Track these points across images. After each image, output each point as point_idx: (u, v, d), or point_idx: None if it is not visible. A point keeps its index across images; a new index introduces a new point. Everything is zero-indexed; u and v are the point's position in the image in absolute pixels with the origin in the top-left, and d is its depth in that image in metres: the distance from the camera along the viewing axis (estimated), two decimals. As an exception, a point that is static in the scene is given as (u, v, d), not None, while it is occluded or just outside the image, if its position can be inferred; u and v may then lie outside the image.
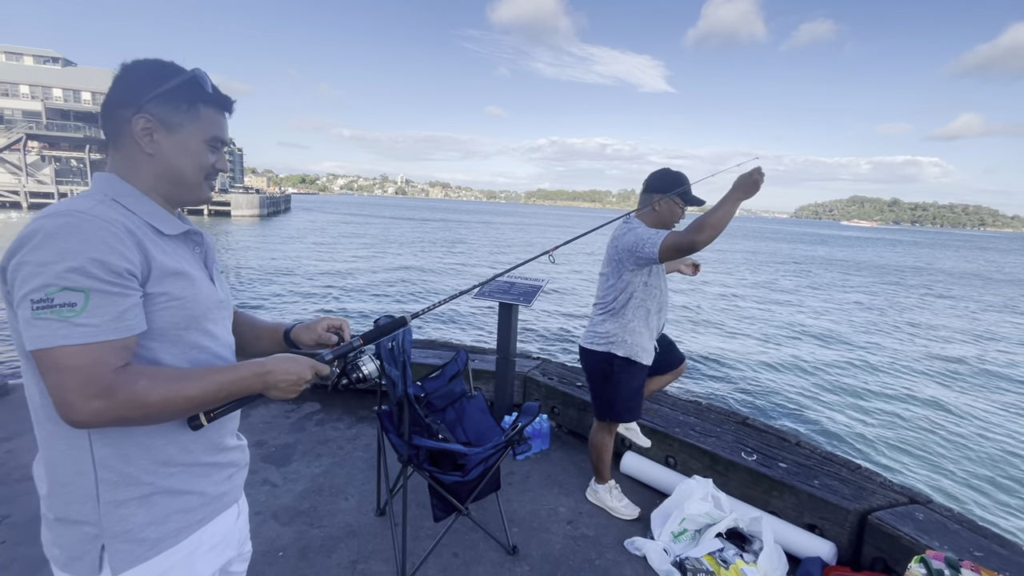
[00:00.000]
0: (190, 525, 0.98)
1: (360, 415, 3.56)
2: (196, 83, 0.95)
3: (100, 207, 0.85)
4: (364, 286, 17.10)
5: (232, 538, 1.10)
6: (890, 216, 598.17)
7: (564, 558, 2.29)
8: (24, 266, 0.78)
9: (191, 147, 0.97)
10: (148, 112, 0.92)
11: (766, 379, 9.49)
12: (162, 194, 0.98)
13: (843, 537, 2.27)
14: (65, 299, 0.77)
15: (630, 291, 2.36)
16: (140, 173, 0.95)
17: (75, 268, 0.78)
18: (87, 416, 0.79)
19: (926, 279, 29.44)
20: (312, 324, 1.24)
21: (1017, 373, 10.79)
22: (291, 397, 1.01)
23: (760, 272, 27.71)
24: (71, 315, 0.78)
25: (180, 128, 0.95)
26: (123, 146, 0.94)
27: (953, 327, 15.46)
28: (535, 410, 2.22)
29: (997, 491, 5.93)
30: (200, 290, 0.96)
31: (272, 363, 0.98)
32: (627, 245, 2.28)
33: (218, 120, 1.00)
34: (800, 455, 2.69)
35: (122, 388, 0.80)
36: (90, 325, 0.79)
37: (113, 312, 0.81)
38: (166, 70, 0.94)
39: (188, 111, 0.95)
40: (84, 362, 0.78)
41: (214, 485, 1.03)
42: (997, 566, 1.89)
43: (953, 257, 54.04)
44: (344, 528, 2.40)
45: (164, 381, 0.85)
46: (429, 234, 42.69)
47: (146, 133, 0.92)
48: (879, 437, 7.26)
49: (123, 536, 0.90)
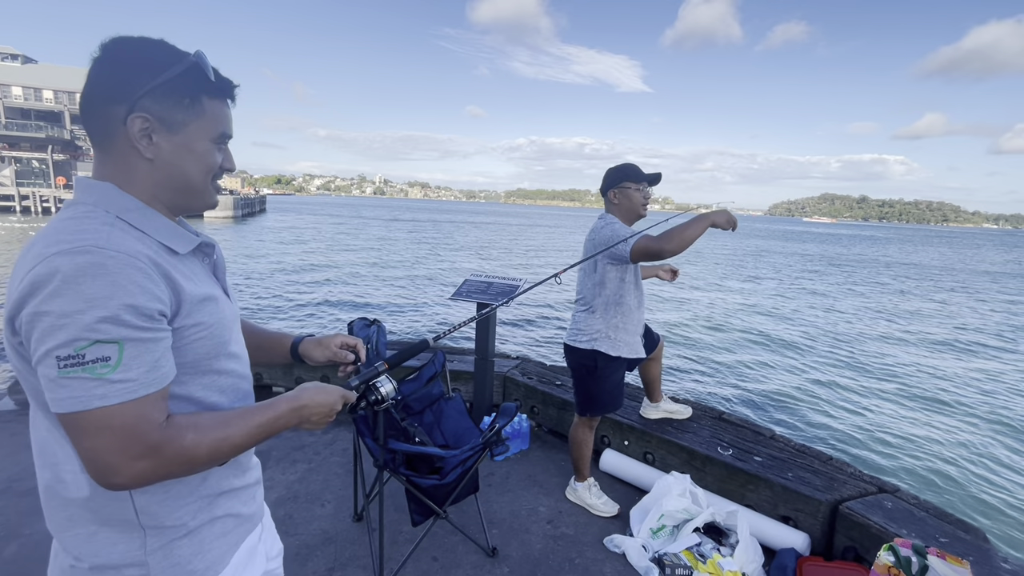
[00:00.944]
0: (229, 548, 0.95)
1: (336, 419, 3.50)
2: (198, 70, 0.81)
3: (115, 234, 0.73)
4: (338, 288, 16.86)
5: (262, 550, 1.08)
6: (859, 213, 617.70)
7: (544, 558, 2.28)
8: (43, 317, 0.67)
9: (197, 148, 0.84)
10: (145, 109, 0.78)
11: (742, 373, 9.68)
12: (164, 202, 0.85)
13: (816, 528, 2.32)
14: (98, 354, 0.68)
15: (611, 287, 2.38)
16: (139, 181, 0.82)
17: (106, 318, 0.68)
18: (131, 479, 0.71)
19: (892, 272, 30.45)
20: (325, 339, 1.19)
21: (978, 360, 11.24)
22: (321, 428, 0.98)
23: (733, 268, 28.26)
24: (106, 371, 0.68)
25: (183, 126, 0.82)
26: (115, 149, 0.80)
27: (918, 318, 16.01)
28: (512, 410, 2.21)
29: (960, 477, 6.16)
30: (224, 311, 0.89)
31: (306, 396, 0.93)
32: (604, 240, 2.32)
33: (224, 112, 0.87)
34: (775, 448, 2.75)
35: (169, 445, 0.73)
36: (128, 380, 0.70)
37: (150, 361, 0.73)
38: (162, 55, 0.79)
39: (191, 105, 0.82)
40: (127, 421, 0.70)
41: (244, 505, 0.99)
42: (961, 551, 1.95)
43: (902, 251, 55.98)
44: (320, 535, 2.35)
45: (209, 431, 0.79)
46: (419, 234, 42.36)
47: (144, 135, 0.79)
48: (849, 427, 7.47)
49: (172, 571, 0.85)
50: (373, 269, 21.41)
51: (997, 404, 8.67)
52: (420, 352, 1.38)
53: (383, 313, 13.54)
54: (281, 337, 1.20)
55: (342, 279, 18.59)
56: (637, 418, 3.03)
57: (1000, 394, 9.19)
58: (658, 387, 3.01)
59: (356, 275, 19.63)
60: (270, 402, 0.90)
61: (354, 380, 1.13)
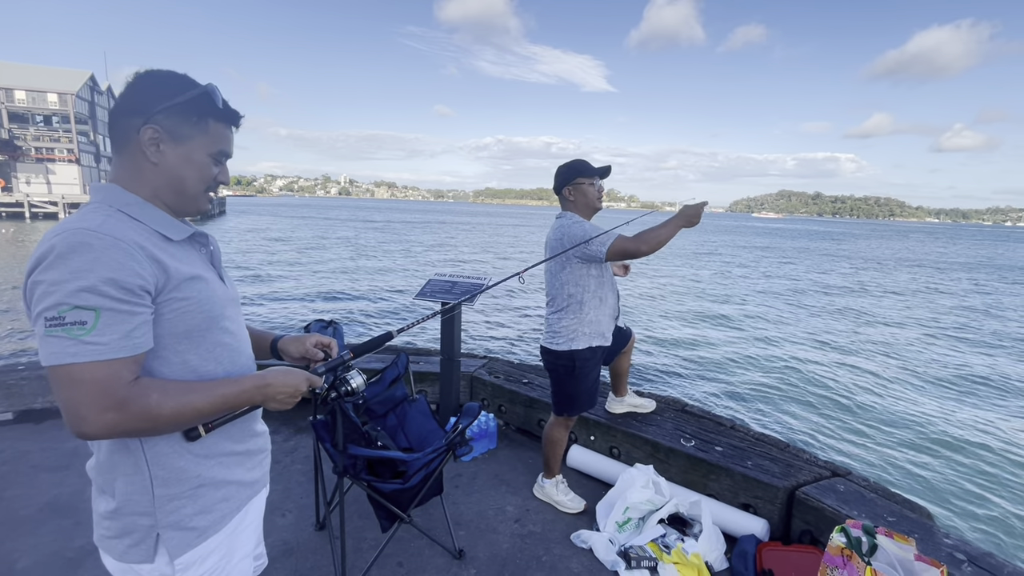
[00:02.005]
0: (231, 511, 1.07)
1: (298, 426, 3.40)
2: (208, 98, 0.97)
3: (110, 221, 0.87)
4: (298, 290, 16.44)
5: (259, 520, 1.20)
6: (814, 208, 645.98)
7: (511, 557, 2.27)
8: (39, 285, 0.81)
9: (196, 159, 0.99)
10: (157, 123, 0.94)
11: (704, 365, 9.93)
12: (164, 202, 1.00)
13: (774, 514, 2.39)
14: (76, 317, 0.80)
15: (581, 283, 2.38)
16: (144, 181, 0.97)
17: (87, 287, 0.80)
18: (99, 429, 0.82)
19: (840, 263, 31.92)
20: (301, 338, 1.31)
21: (924, 346, 11.89)
22: (287, 408, 1.08)
23: (691, 262, 29.02)
24: (81, 333, 0.81)
25: (187, 140, 0.97)
26: (128, 153, 0.96)
27: (866, 309, 16.82)
28: (476, 410, 2.19)
29: (908, 458, 6.49)
30: (215, 290, 1.01)
31: (271, 376, 1.04)
32: (575, 238, 2.31)
33: (225, 134, 1.03)
34: (735, 438, 2.82)
35: (134, 401, 0.84)
36: (99, 343, 0.82)
37: (123, 330, 0.84)
38: (179, 83, 0.97)
39: (197, 124, 0.98)
40: (97, 377, 0.81)
41: (248, 472, 1.11)
42: (907, 529, 2.05)
43: (853, 246, 58.73)
44: (280, 546, 2.27)
45: (174, 394, 0.89)
46: (387, 235, 41.67)
47: (153, 143, 0.95)
48: (805, 413, 7.78)
49: (176, 525, 0.98)
50: (336, 270, 20.95)
51: (942, 388, 9.18)
52: (384, 343, 1.39)
53: (345, 315, 13.28)
54: (264, 334, 1.32)
55: (303, 281, 18.13)
56: (603, 413, 3.06)
57: (946, 379, 9.75)
58: (625, 381, 3.05)
59: (318, 276, 19.17)
60: (239, 378, 1.00)
61: (320, 368, 1.20)
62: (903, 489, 5.61)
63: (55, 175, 46.54)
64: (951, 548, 1.96)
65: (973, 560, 1.89)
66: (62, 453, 2.93)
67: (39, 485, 2.63)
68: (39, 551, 2.17)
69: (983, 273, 31.16)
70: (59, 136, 47.04)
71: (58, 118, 47.94)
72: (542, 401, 3.24)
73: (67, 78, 48.92)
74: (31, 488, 2.61)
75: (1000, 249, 62.78)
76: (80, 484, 2.61)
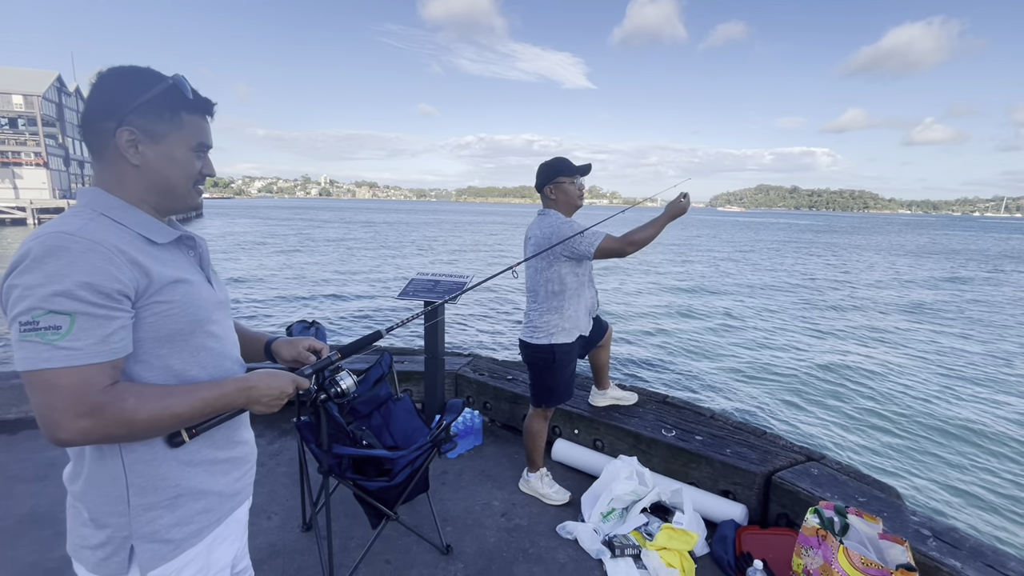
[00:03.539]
0: (210, 524, 1.04)
1: (283, 428, 3.38)
2: (176, 90, 0.95)
3: (89, 225, 0.86)
4: (281, 290, 16.23)
5: (240, 531, 1.16)
6: (791, 202, 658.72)
7: (498, 551, 2.31)
8: (14, 288, 0.80)
9: (178, 155, 0.97)
10: (131, 124, 0.92)
11: (683, 356, 10.10)
12: (152, 204, 0.98)
13: (752, 499, 2.46)
14: (50, 322, 0.79)
15: (562, 280, 2.42)
16: (128, 185, 0.95)
17: (61, 292, 0.79)
18: (73, 435, 0.80)
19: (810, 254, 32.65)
20: (294, 341, 1.29)
21: (892, 332, 12.25)
22: (273, 411, 1.05)
23: (668, 256, 29.39)
24: (55, 338, 0.79)
25: (165, 137, 0.95)
26: (108, 158, 0.94)
27: (838, 298, 17.26)
28: (459, 407, 2.21)
29: (879, 439, 6.71)
30: (200, 293, 0.99)
31: (256, 378, 1.01)
32: (563, 237, 2.34)
33: (202, 125, 1.01)
34: (715, 427, 2.89)
35: (110, 407, 0.82)
36: (74, 348, 0.80)
37: (98, 335, 0.82)
38: (145, 78, 0.94)
39: (171, 119, 0.95)
40: (71, 383, 0.80)
41: (231, 483, 1.08)
42: (876, 509, 2.14)
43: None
44: (267, 548, 2.27)
45: (152, 399, 0.87)
46: (372, 236, 41.26)
47: (131, 145, 0.93)
48: (781, 400, 7.97)
49: (151, 537, 0.95)
50: (318, 271, 20.72)
51: (910, 370, 9.49)
52: (374, 342, 1.39)
53: (328, 316, 13.16)
54: (258, 336, 1.30)
55: (285, 283, 17.90)
56: (586, 407, 3.11)
57: (914, 361, 10.06)
58: (606, 375, 3.10)
59: (300, 278, 18.94)
60: (220, 381, 0.99)
61: (307, 369, 1.19)
62: (875, 471, 5.80)
63: (22, 179, 45.05)
64: (917, 525, 2.05)
65: (937, 535, 1.98)
66: (38, 464, 2.87)
67: (16, 496, 2.58)
68: (18, 563, 2.14)
69: (953, 259, 32.16)
70: (25, 139, 45.53)
71: (24, 120, 46.39)
72: (526, 397, 3.27)
73: (33, 79, 47.35)
74: (8, 500, 2.56)
75: (973, 240, 64.80)
76: (58, 494, 2.57)
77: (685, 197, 2.37)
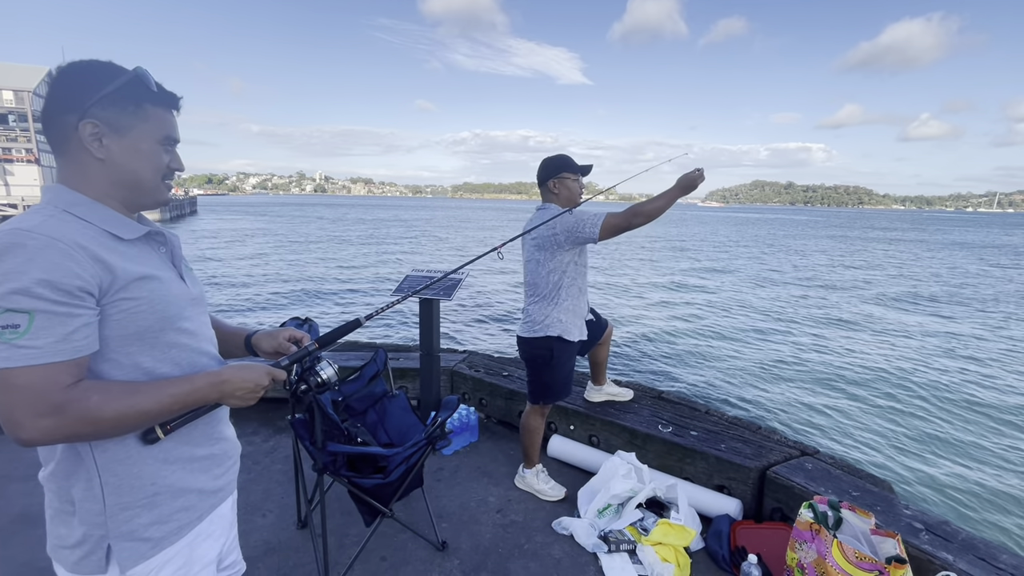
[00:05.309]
0: (190, 522, 1.02)
1: (277, 426, 3.37)
2: (140, 82, 0.93)
3: (50, 222, 0.84)
4: (276, 288, 16.17)
5: (226, 526, 1.15)
6: (787, 197, 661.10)
7: (494, 547, 2.31)
8: None
9: (144, 148, 0.95)
10: (94, 116, 0.89)
11: (679, 352, 10.13)
12: (119, 199, 0.96)
13: (747, 493, 2.47)
14: (8, 321, 0.77)
15: (562, 271, 2.42)
16: (93, 180, 0.93)
17: (18, 289, 0.77)
18: (36, 435, 0.79)
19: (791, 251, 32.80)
20: (274, 332, 1.27)
21: (885, 326, 12.33)
22: (250, 404, 1.03)
23: (662, 253, 29.46)
24: (13, 337, 0.77)
25: (130, 130, 0.93)
26: (71, 153, 0.92)
27: (831, 293, 17.34)
28: (454, 403, 2.21)
29: (873, 433, 6.75)
30: (170, 290, 0.97)
31: (228, 372, 1.00)
32: (567, 226, 2.33)
33: (167, 119, 0.99)
34: (709, 422, 2.90)
35: (73, 405, 0.81)
36: (33, 347, 0.78)
37: (59, 333, 0.80)
38: (106, 71, 0.92)
39: (136, 112, 0.93)
40: (31, 381, 0.78)
41: (212, 480, 1.07)
42: (869, 503, 2.15)
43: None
44: (262, 546, 2.26)
45: (117, 396, 0.85)
46: (367, 232, 41.12)
47: (95, 138, 0.90)
48: (776, 395, 8.01)
49: (128, 536, 0.94)
50: (313, 268, 20.65)
51: (901, 364, 9.55)
52: (352, 330, 1.36)
53: (322, 313, 13.12)
54: (238, 330, 1.28)
55: (279, 280, 17.83)
56: (582, 402, 3.11)
57: (905, 355, 10.13)
58: (603, 371, 3.10)
59: (295, 275, 18.87)
60: (191, 376, 0.97)
61: (284, 360, 1.16)
62: (869, 465, 5.84)
63: (13, 176, 44.60)
64: (910, 518, 2.06)
65: (930, 528, 1.99)
66: (31, 463, 2.85)
67: (9, 496, 2.57)
68: (11, 562, 2.13)
69: (952, 252, 32.36)
70: (16, 135, 45.05)
71: (14, 116, 45.87)
72: (522, 393, 3.28)
73: (23, 74, 46.81)
74: (1, 499, 2.54)
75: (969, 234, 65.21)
76: (52, 493, 2.55)
77: (699, 171, 2.28)
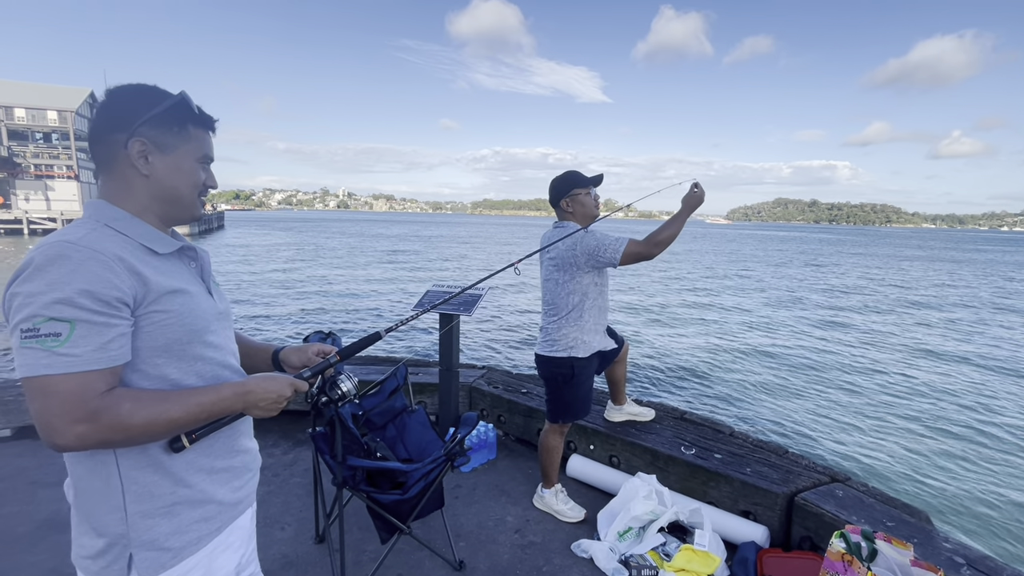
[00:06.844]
0: (210, 533, 1.04)
1: (297, 439, 3.40)
2: (184, 105, 0.99)
3: (92, 235, 0.88)
4: (300, 302, 16.44)
5: (245, 538, 1.16)
6: (811, 216, 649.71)
7: (511, 568, 2.26)
8: (16, 296, 0.82)
9: (185, 166, 1.01)
10: (142, 135, 0.95)
11: (702, 371, 9.92)
12: (157, 214, 1.01)
13: (774, 520, 2.38)
14: (50, 329, 0.81)
15: (583, 291, 2.41)
16: (135, 195, 0.98)
17: (62, 299, 0.81)
18: (71, 440, 0.82)
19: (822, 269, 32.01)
20: (303, 347, 1.29)
21: (921, 352, 11.89)
22: (272, 414, 1.05)
23: (680, 268, 29.09)
24: (55, 345, 0.81)
25: (174, 149, 0.99)
26: (117, 170, 0.97)
27: (860, 315, 16.84)
28: (474, 420, 2.20)
29: (907, 462, 6.47)
30: (199, 304, 1.01)
31: (252, 383, 1.02)
32: (588, 248, 2.32)
33: (206, 139, 1.06)
34: (734, 445, 2.82)
35: (106, 412, 0.83)
36: (73, 355, 0.82)
37: (97, 342, 0.84)
38: (154, 94, 0.98)
39: (179, 132, 0.99)
40: (69, 389, 0.81)
41: (231, 492, 1.08)
42: (906, 534, 2.05)
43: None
44: (280, 560, 2.26)
45: (147, 404, 0.88)
46: (388, 247, 41.72)
47: (141, 156, 0.96)
48: (803, 419, 7.76)
49: (149, 545, 0.95)
50: (336, 283, 20.97)
51: (937, 391, 9.17)
52: (373, 343, 1.36)
53: (346, 327, 13.27)
54: (265, 346, 1.30)
55: (302, 294, 18.14)
56: (602, 422, 3.06)
57: (939, 382, 9.74)
58: (622, 390, 3.05)
59: (318, 290, 19.18)
60: (217, 386, 0.99)
61: (306, 372, 1.17)
62: (903, 494, 5.59)
63: (54, 191, 46.74)
64: (950, 552, 1.96)
65: (972, 564, 1.89)
66: (60, 468, 2.90)
67: (37, 501, 2.63)
68: (37, 568, 2.16)
69: (986, 271, 31.26)
70: (58, 153, 47.30)
71: (58, 135, 48.24)
72: (541, 411, 3.24)
73: (67, 96, 49.31)
74: (29, 505, 2.60)
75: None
76: (79, 500, 2.61)
77: (697, 187, 2.34)
